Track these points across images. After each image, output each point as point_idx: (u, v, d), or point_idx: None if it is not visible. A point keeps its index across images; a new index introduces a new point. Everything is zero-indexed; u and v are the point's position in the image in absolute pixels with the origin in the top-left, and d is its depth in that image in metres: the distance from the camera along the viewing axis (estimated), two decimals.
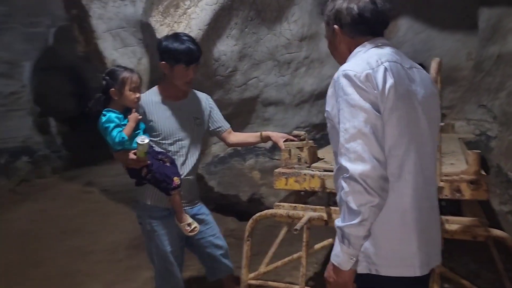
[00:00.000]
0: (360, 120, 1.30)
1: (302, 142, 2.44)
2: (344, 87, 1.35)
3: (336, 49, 1.58)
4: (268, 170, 4.50)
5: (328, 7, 1.56)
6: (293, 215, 2.37)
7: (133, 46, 3.82)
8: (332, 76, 1.42)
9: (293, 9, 3.74)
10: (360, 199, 1.28)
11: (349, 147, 1.30)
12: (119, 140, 2.10)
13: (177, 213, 2.30)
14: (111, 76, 2.17)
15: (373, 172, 1.27)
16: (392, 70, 1.38)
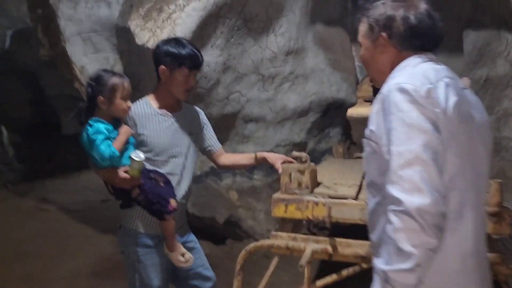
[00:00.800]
0: (418, 143, 1.09)
1: (304, 165, 2.18)
2: (399, 103, 1.14)
3: (374, 59, 1.39)
4: (246, 191, 4.23)
5: (377, 9, 1.35)
6: (293, 247, 2.10)
7: (105, 52, 3.48)
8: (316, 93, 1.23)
9: (281, 20, 3.53)
10: (414, 239, 1.05)
11: (404, 174, 1.08)
12: (109, 155, 1.78)
13: (169, 241, 1.99)
14: (99, 82, 1.85)
15: (433, 208, 1.05)
16: (453, 87, 1.19)
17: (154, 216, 1.96)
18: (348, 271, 2.05)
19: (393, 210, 1.09)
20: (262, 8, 3.31)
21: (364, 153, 1.34)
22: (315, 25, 4.02)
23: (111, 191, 1.96)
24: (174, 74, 2.00)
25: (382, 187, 1.23)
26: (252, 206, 4.24)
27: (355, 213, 2.02)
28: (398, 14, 1.30)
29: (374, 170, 1.28)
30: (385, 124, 1.18)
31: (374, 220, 1.31)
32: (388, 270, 1.09)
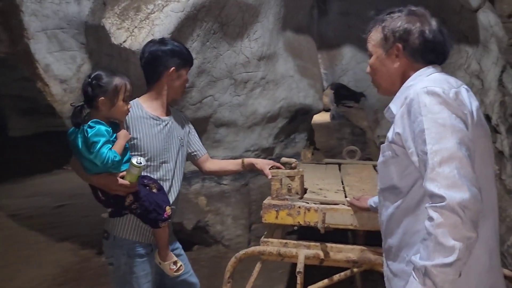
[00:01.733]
0: (453, 142, 1.13)
1: (294, 171, 2.19)
2: (429, 105, 1.18)
3: (385, 68, 1.43)
4: (215, 196, 4.18)
5: (395, 21, 1.40)
6: (284, 253, 2.10)
7: (72, 51, 3.31)
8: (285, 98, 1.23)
9: (256, 26, 3.53)
10: (456, 234, 1.07)
11: (442, 171, 1.10)
12: (111, 160, 1.68)
13: (162, 249, 1.92)
14: (100, 82, 1.74)
15: (472, 202, 1.07)
16: (471, 94, 1.27)
17: (148, 225, 1.89)
18: (340, 275, 2.08)
19: (433, 206, 1.10)
20: (239, 12, 3.30)
21: (382, 159, 1.37)
22: (286, 32, 4.06)
23: (100, 198, 1.85)
24: (181, 74, 1.99)
25: (404, 190, 1.28)
26: (221, 211, 4.20)
27: (347, 219, 2.06)
28: (415, 28, 1.36)
29: (394, 174, 1.31)
30: (414, 126, 1.21)
31: (393, 225, 1.34)
32: (430, 265, 1.09)
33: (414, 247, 1.28)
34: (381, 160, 1.38)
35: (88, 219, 5.32)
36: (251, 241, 4.35)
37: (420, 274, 1.11)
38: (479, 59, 3.43)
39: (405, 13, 1.41)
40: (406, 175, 1.28)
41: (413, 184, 1.27)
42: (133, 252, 1.91)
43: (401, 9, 1.44)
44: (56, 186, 6.95)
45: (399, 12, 1.42)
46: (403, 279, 1.32)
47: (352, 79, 5.21)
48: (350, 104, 5.70)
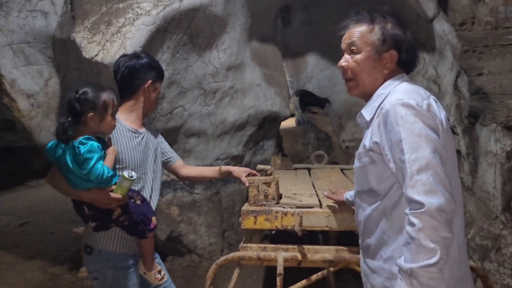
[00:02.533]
0: (428, 151, 1.22)
1: (270, 177, 2.28)
2: (405, 116, 1.26)
3: (374, 70, 1.43)
4: (187, 206, 4.21)
5: (393, 26, 1.43)
6: (264, 257, 2.17)
7: (39, 65, 3.27)
8: (253, 107, 1.27)
9: (224, 37, 3.61)
10: (436, 236, 1.16)
11: (420, 178, 1.20)
12: (106, 176, 1.70)
13: (148, 259, 1.95)
14: (88, 98, 1.74)
15: (448, 206, 1.18)
16: (439, 103, 1.38)
17: (134, 236, 1.91)
18: (317, 275, 2.17)
19: (414, 213, 1.19)
20: (207, 24, 3.37)
21: (359, 164, 1.45)
22: (252, 42, 4.16)
23: (87, 213, 1.86)
24: (156, 87, 2.04)
25: (382, 193, 1.37)
26: (193, 220, 4.23)
27: (323, 221, 2.16)
28: (406, 38, 1.42)
29: (372, 179, 1.40)
30: (391, 136, 1.28)
31: (371, 225, 1.43)
32: (415, 267, 1.17)
33: (391, 245, 1.37)
34: (358, 165, 1.46)
35: (54, 235, 5.21)
36: (224, 249, 4.40)
37: (407, 275, 1.20)
38: (436, 65, 3.65)
39: (395, 20, 1.44)
40: (383, 180, 1.37)
41: (390, 187, 1.36)
42: (120, 264, 1.92)
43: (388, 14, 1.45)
44: (19, 203, 6.74)
45: (390, 17, 1.44)
46: (381, 275, 1.41)
47: (316, 85, 5.38)
48: (315, 110, 5.86)
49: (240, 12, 3.70)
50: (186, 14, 3.14)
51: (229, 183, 4.50)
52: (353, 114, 5.32)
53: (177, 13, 3.07)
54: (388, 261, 1.38)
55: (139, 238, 1.92)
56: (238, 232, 4.50)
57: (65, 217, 5.79)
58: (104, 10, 2.89)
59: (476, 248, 2.84)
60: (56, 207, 6.32)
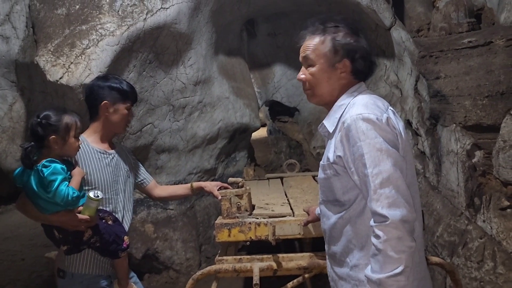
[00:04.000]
0: (389, 164, 1.28)
1: (241, 189, 2.32)
2: (366, 131, 1.31)
3: (329, 80, 1.46)
4: (161, 222, 4.19)
5: (344, 36, 1.45)
6: (240, 268, 2.20)
7: (2, 90, 3.23)
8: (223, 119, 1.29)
9: (189, 53, 3.65)
10: (400, 246, 1.22)
11: (383, 192, 1.26)
12: (72, 196, 1.70)
13: (122, 280, 1.96)
14: (50, 121, 1.77)
15: (410, 216, 1.25)
16: (396, 114, 1.44)
17: (107, 257, 1.92)
18: (293, 283, 2.22)
19: (378, 225, 1.25)
20: (172, 41, 3.40)
21: (323, 176, 1.49)
22: (219, 56, 4.22)
23: (57, 236, 1.86)
24: (117, 109, 2.02)
25: (347, 203, 1.42)
26: (169, 236, 4.21)
27: (295, 229, 2.21)
28: (359, 46, 1.44)
29: (336, 190, 1.44)
30: (353, 150, 1.33)
31: (336, 233, 1.48)
32: (384, 277, 1.23)
33: (357, 253, 1.42)
34: (322, 176, 1.50)
35: (25, 262, 5.07)
36: (202, 263, 4.39)
37: (376, 286, 1.26)
38: (396, 70, 3.80)
39: (347, 29, 1.46)
40: (348, 191, 1.42)
41: (355, 198, 1.41)
42: (94, 286, 1.93)
43: (341, 23, 1.46)
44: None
45: (343, 27, 1.46)
46: (349, 282, 1.45)
47: (284, 95, 5.48)
48: (284, 119, 5.96)
49: (205, 27, 3.75)
50: (151, 32, 3.16)
51: (203, 196, 4.51)
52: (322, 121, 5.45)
53: (142, 32, 3.09)
54: (354, 268, 1.42)
55: (112, 258, 1.92)
56: (215, 245, 4.50)
57: (36, 243, 5.65)
58: (67, 33, 2.88)
59: (445, 244, 2.95)
60: (26, 232, 6.15)
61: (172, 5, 3.28)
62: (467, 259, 2.71)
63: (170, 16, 3.26)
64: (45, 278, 4.40)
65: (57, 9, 2.99)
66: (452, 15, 3.65)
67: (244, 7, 4.16)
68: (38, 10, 3.04)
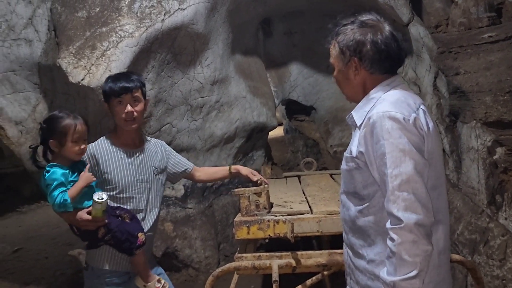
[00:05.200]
0: (410, 167, 1.26)
1: (260, 187, 2.34)
2: (391, 130, 1.29)
3: (349, 81, 1.49)
4: (180, 221, 4.24)
5: (347, 35, 1.45)
6: (259, 265, 2.22)
7: (26, 92, 3.31)
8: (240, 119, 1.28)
9: (207, 53, 3.69)
10: (415, 250, 1.22)
11: (401, 195, 1.25)
12: (59, 203, 1.76)
13: (142, 273, 1.99)
14: (49, 124, 1.82)
15: (426, 221, 1.24)
16: (427, 113, 1.39)
17: (123, 253, 1.95)
18: (312, 280, 2.22)
19: (393, 228, 1.25)
20: (190, 42, 3.44)
21: (346, 167, 1.48)
22: (235, 55, 4.24)
23: (76, 232, 1.92)
24: (111, 107, 2.03)
25: (367, 197, 1.41)
26: (188, 234, 4.26)
27: (314, 226, 2.22)
28: (367, 39, 1.40)
29: (357, 183, 1.43)
30: (376, 147, 1.32)
31: (355, 225, 1.47)
32: (398, 280, 1.23)
33: (374, 248, 1.41)
34: (345, 168, 1.49)
35: (48, 260, 5.18)
36: (220, 261, 4.42)
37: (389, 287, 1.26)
38: (415, 67, 3.76)
39: (357, 25, 1.44)
40: (368, 185, 1.40)
41: (374, 193, 1.39)
42: (110, 281, 1.98)
43: (354, 21, 1.46)
44: (11, 230, 6.69)
45: (351, 24, 1.45)
46: (365, 274, 1.45)
47: (301, 94, 5.48)
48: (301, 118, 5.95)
49: (222, 27, 3.78)
50: (169, 33, 3.21)
51: (221, 195, 4.55)
52: (339, 119, 5.42)
53: (160, 33, 3.14)
54: (371, 263, 1.42)
55: (128, 255, 1.96)
56: (233, 243, 4.53)
57: (59, 241, 5.77)
58: (88, 35, 2.95)
59: (466, 242, 2.91)
60: (49, 231, 6.28)
61: (189, 6, 3.32)
62: (488, 257, 2.68)
63: (187, 16, 3.30)
64: (68, 275, 4.49)
65: (77, 12, 3.06)
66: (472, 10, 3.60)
67: (260, 6, 4.18)
68: (60, 13, 3.11)
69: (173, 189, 4.06)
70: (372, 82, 1.45)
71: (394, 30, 1.44)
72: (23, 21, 3.28)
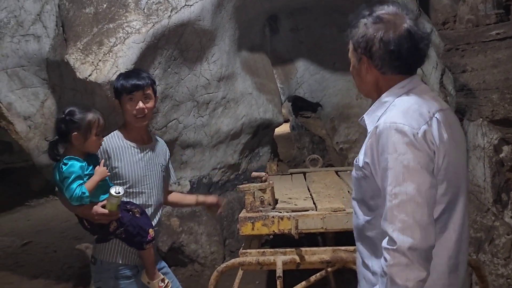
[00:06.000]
0: (412, 186, 1.17)
1: (264, 183, 2.35)
2: (397, 144, 1.20)
3: (360, 77, 1.42)
4: (186, 216, 4.27)
5: (359, 30, 1.35)
6: (263, 261, 2.23)
7: (35, 87, 3.35)
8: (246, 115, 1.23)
9: (213, 49, 3.70)
10: (406, 274, 1.16)
11: (398, 215, 1.18)
12: (78, 196, 1.79)
13: (149, 269, 2.02)
14: (73, 118, 1.84)
15: (423, 245, 1.16)
16: (444, 122, 1.28)
17: (133, 247, 1.99)
18: (315, 276, 2.24)
19: (387, 249, 1.18)
20: (196, 38, 3.45)
21: (355, 175, 1.41)
22: (242, 52, 4.25)
23: (86, 226, 1.95)
24: (122, 104, 2.06)
25: (375, 208, 1.34)
26: (194, 230, 4.29)
27: (318, 223, 2.23)
28: (377, 38, 1.29)
29: (365, 192, 1.36)
30: (381, 159, 1.24)
31: (363, 235, 1.42)
32: None
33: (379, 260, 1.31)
34: (354, 175, 1.41)
35: (57, 253, 5.24)
36: (226, 256, 4.45)
37: None
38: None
39: (371, 20, 1.33)
40: (375, 196, 1.32)
41: (382, 205, 1.28)
42: (120, 275, 2.01)
43: (370, 13, 1.34)
44: (20, 223, 6.77)
45: (367, 18, 1.34)
46: (369, 285, 1.40)
47: (307, 90, 5.47)
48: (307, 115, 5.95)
49: (228, 24, 3.79)
50: (175, 29, 3.22)
51: (227, 191, 4.57)
52: (345, 116, 5.41)
53: (166, 30, 3.15)
54: (374, 275, 1.37)
55: (137, 249, 1.99)
56: (239, 239, 4.55)
57: (67, 235, 5.84)
58: (95, 31, 2.97)
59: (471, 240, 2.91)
60: (58, 225, 6.36)
61: (196, 2, 3.33)
62: (493, 256, 2.68)
63: (194, 13, 3.31)
64: (76, 269, 4.55)
65: (85, 8, 3.08)
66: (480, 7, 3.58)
67: (267, 2, 4.18)
68: (67, 9, 3.14)
69: (179, 185, 4.09)
70: (385, 82, 1.36)
71: (415, 25, 1.30)
72: (31, 17, 3.32)
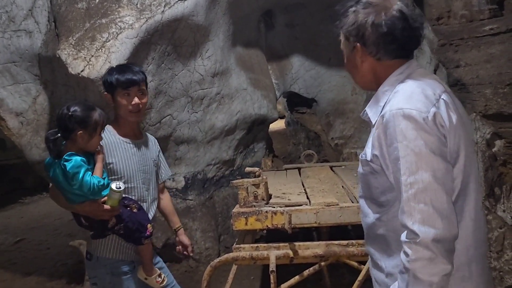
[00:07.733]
0: (428, 173, 1.11)
1: (258, 179, 2.35)
2: (406, 130, 1.14)
3: (356, 68, 1.36)
4: (181, 212, 4.25)
5: (348, 18, 1.31)
6: (257, 256, 2.24)
7: (27, 83, 3.32)
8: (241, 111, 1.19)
9: (207, 45, 3.68)
10: (432, 268, 1.09)
11: (416, 206, 1.11)
12: (97, 185, 1.78)
13: (147, 264, 2.02)
14: (79, 116, 1.81)
15: (446, 235, 1.10)
16: (450, 103, 1.23)
17: (131, 243, 1.99)
18: (309, 270, 2.24)
19: (408, 242, 1.11)
20: (190, 33, 3.44)
21: (362, 171, 1.35)
22: (236, 47, 4.24)
23: (83, 223, 1.93)
24: (115, 98, 2.05)
25: (386, 204, 1.29)
26: (188, 226, 4.28)
27: (311, 218, 2.23)
28: (368, 22, 1.25)
29: (374, 189, 1.30)
30: (390, 150, 1.18)
31: (374, 234, 1.36)
32: None
33: (393, 260, 1.28)
34: (361, 171, 1.36)
35: (50, 250, 5.23)
36: (220, 252, 4.45)
37: None
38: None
39: (361, 6, 1.29)
40: (386, 191, 1.27)
41: (394, 200, 1.25)
42: (117, 270, 2.00)
43: (358, 0, 1.30)
44: (13, 221, 6.75)
45: (355, 5, 1.30)
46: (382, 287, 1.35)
47: (302, 86, 5.47)
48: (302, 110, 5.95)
49: (222, 19, 3.77)
50: (169, 25, 3.20)
51: (222, 187, 4.56)
52: (340, 112, 5.41)
53: (160, 25, 3.13)
54: (389, 276, 1.31)
55: (135, 245, 1.98)
56: (234, 235, 4.55)
57: (61, 232, 5.81)
58: (88, 26, 2.95)
59: None
60: (51, 222, 6.33)
61: None
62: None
63: (188, 8, 3.29)
64: (69, 266, 4.54)
65: (77, 3, 3.06)
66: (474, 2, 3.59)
67: None
68: (59, 4, 3.11)
69: (173, 181, 4.08)
70: (382, 69, 1.31)
71: (407, 6, 1.26)
72: (23, 12, 3.29)
